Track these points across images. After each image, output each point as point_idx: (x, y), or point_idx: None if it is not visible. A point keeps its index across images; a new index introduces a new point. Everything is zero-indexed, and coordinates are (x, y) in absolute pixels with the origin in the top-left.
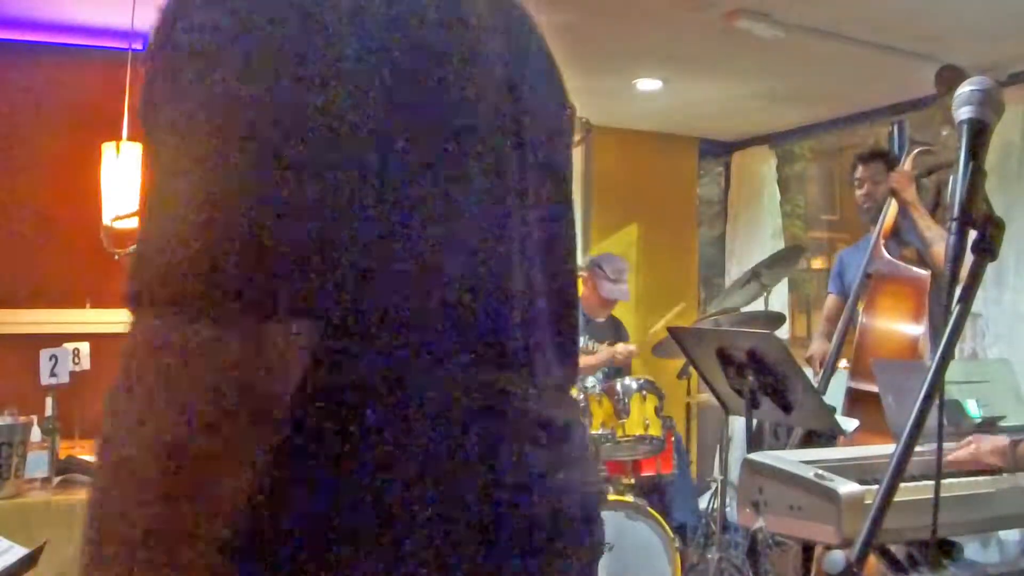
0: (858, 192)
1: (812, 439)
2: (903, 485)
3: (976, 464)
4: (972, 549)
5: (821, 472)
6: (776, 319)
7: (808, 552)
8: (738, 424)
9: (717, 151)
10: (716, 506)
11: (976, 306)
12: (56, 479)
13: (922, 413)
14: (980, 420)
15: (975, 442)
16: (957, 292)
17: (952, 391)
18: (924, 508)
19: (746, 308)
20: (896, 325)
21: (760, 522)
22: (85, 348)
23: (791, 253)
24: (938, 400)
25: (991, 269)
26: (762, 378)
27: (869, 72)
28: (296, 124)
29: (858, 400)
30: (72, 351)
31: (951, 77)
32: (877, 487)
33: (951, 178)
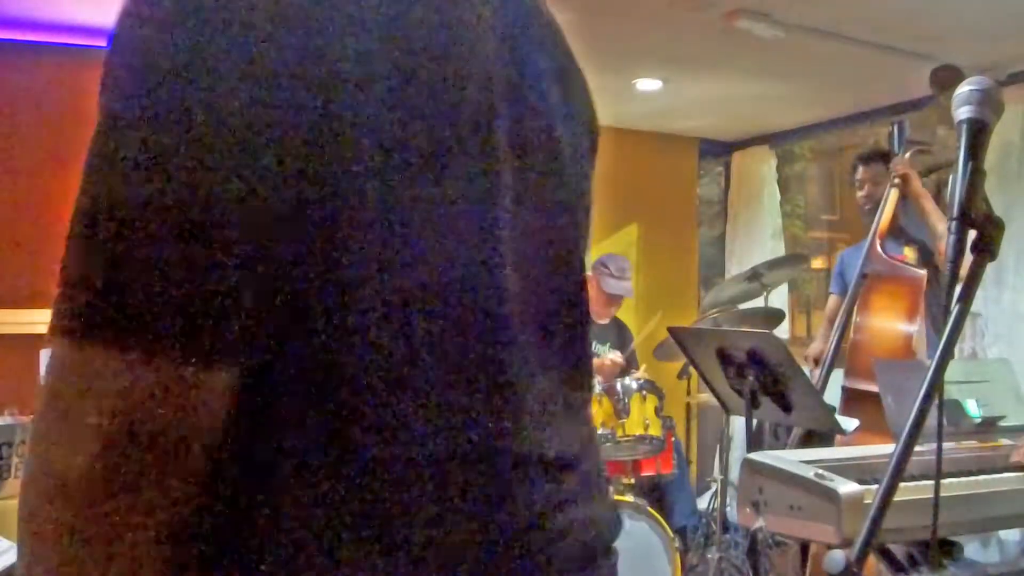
0: (859, 193)
1: (812, 439)
2: (903, 485)
3: None
4: (972, 549)
5: (821, 472)
6: (775, 316)
7: (806, 552)
8: (738, 424)
9: (717, 151)
10: (716, 506)
11: (976, 306)
12: None
13: (922, 413)
14: (980, 420)
15: None
16: (957, 292)
17: (952, 391)
18: (924, 508)
19: (745, 306)
20: (890, 324)
21: (760, 522)
22: None
23: (793, 259)
24: (938, 400)
25: (991, 269)
26: (762, 378)
27: (869, 72)
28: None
29: (853, 399)
30: None
31: (946, 77)
32: (877, 487)
33: (951, 178)
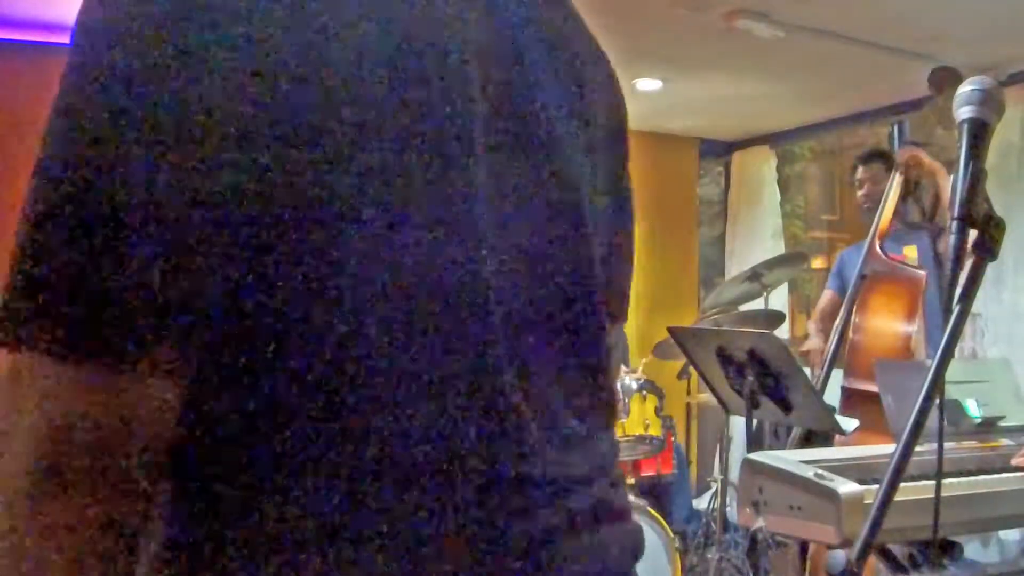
0: (859, 193)
1: (812, 439)
2: (903, 485)
3: None
4: (972, 549)
5: (821, 472)
6: (776, 318)
7: (806, 552)
8: (738, 424)
9: (717, 151)
10: (716, 506)
11: (976, 306)
12: None
13: (922, 413)
14: (980, 420)
15: None
16: (957, 292)
17: (952, 391)
18: (924, 508)
19: (745, 307)
20: (889, 324)
21: (760, 522)
22: None
23: (793, 258)
24: (938, 400)
25: (991, 269)
26: (762, 378)
27: (869, 72)
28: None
29: (853, 399)
30: None
31: (944, 78)
32: (877, 487)
33: (951, 178)
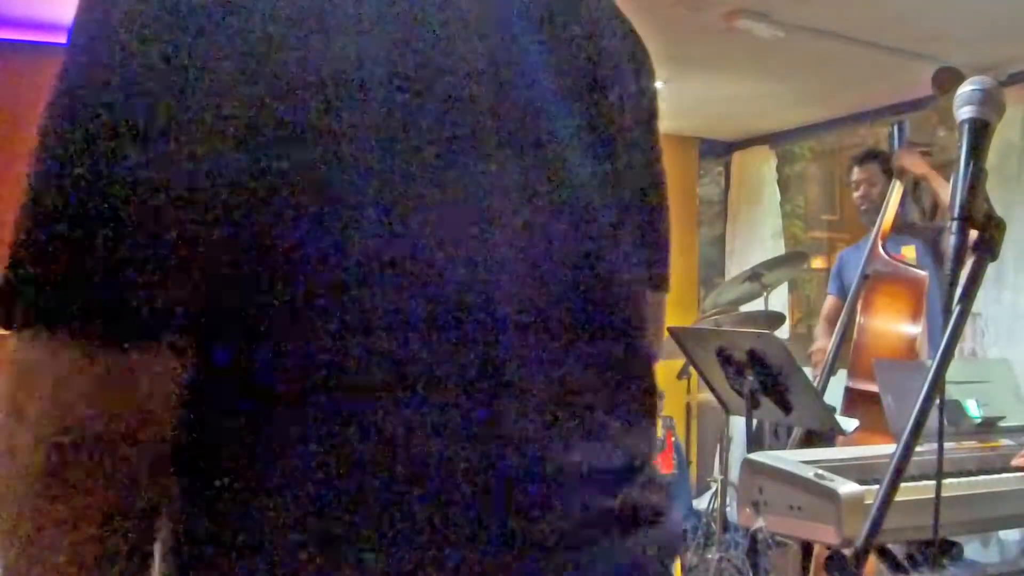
0: (855, 194)
1: (812, 439)
2: (903, 485)
3: None
4: (972, 549)
5: (821, 472)
6: (776, 318)
7: (807, 552)
8: (738, 424)
9: (717, 151)
10: (716, 506)
11: (976, 306)
12: None
13: (922, 413)
14: (980, 420)
15: None
16: (957, 292)
17: (952, 391)
18: (924, 508)
19: (745, 307)
20: (893, 325)
21: (760, 522)
22: None
23: (793, 258)
24: (938, 400)
25: (991, 269)
26: (762, 378)
27: (869, 72)
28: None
29: (856, 400)
30: None
31: (947, 79)
32: (877, 487)
33: (951, 178)
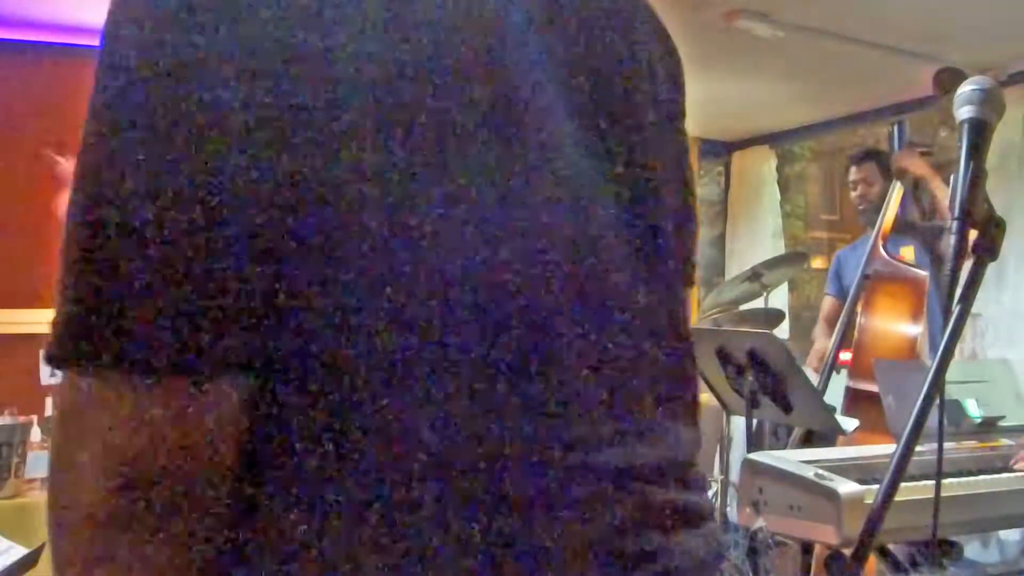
0: (853, 194)
1: (812, 439)
2: (903, 485)
3: None
4: (972, 549)
5: (821, 472)
6: (776, 318)
7: (808, 552)
8: (738, 424)
9: (717, 151)
10: (716, 506)
11: (976, 306)
12: None
13: (922, 413)
14: (980, 420)
15: None
16: (957, 292)
17: (952, 391)
18: (924, 508)
19: (745, 307)
20: (894, 325)
21: (760, 522)
22: None
23: (793, 258)
24: (938, 400)
25: (991, 269)
26: (762, 378)
27: (869, 72)
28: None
29: (857, 400)
30: None
31: (949, 79)
32: (877, 487)
33: (952, 178)
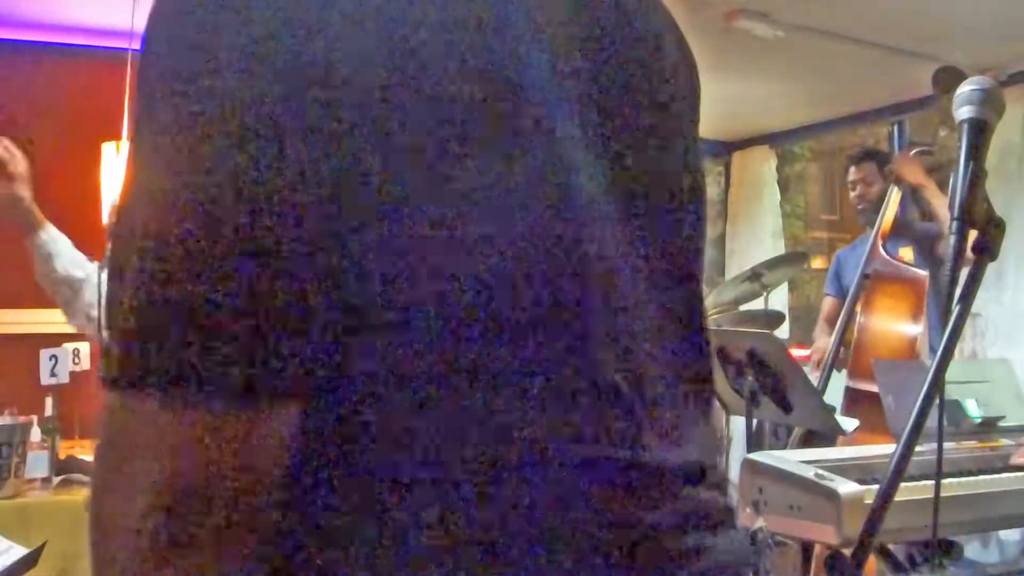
0: (852, 194)
1: (812, 439)
2: (903, 485)
3: None
4: (972, 549)
5: (821, 472)
6: (776, 318)
7: (807, 552)
8: (738, 424)
9: (717, 151)
10: None
11: (976, 306)
12: (56, 479)
13: (922, 413)
14: (980, 420)
15: None
16: (957, 292)
17: (952, 391)
18: (924, 508)
19: (745, 307)
20: (894, 325)
21: (760, 522)
22: (85, 348)
23: (793, 258)
24: (938, 400)
25: (991, 269)
26: (762, 378)
27: (869, 72)
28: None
29: (857, 400)
30: (72, 351)
31: (948, 78)
32: (877, 487)
33: (951, 178)
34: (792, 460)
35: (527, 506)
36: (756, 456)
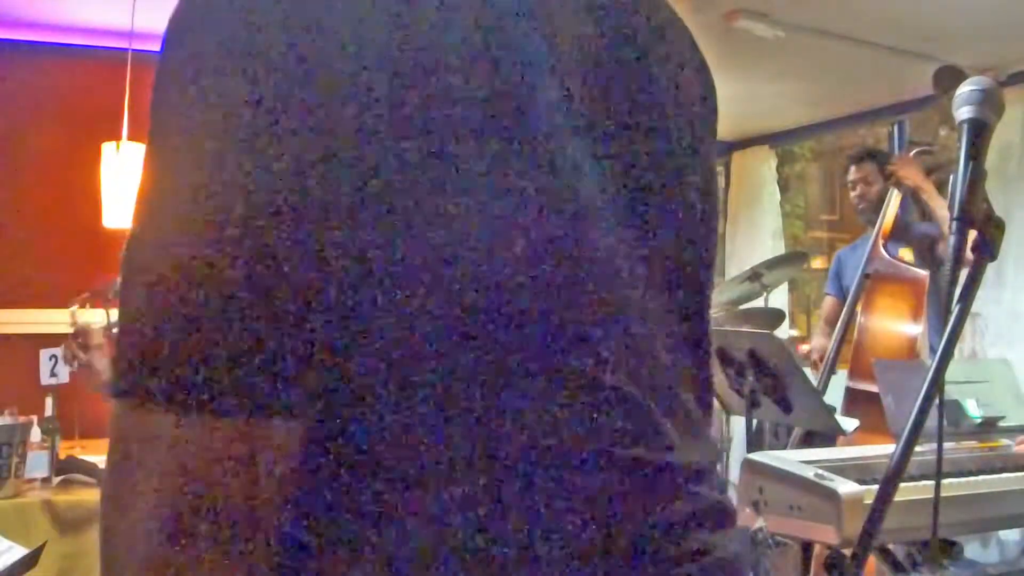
0: (852, 194)
1: (812, 439)
2: (903, 485)
3: None
4: (972, 549)
5: (821, 472)
6: (776, 316)
7: (807, 552)
8: (738, 424)
9: (717, 151)
10: None
11: (976, 306)
12: (56, 479)
13: (922, 413)
14: (980, 420)
15: None
16: (957, 292)
17: (952, 391)
18: (924, 508)
19: (745, 306)
20: (894, 325)
21: (760, 522)
22: None
23: (793, 258)
24: (938, 400)
25: (991, 269)
26: (762, 378)
27: (869, 72)
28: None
29: (857, 400)
30: None
31: (948, 78)
32: (877, 487)
33: (951, 178)
34: (792, 460)
35: (529, 506)
36: (756, 456)
